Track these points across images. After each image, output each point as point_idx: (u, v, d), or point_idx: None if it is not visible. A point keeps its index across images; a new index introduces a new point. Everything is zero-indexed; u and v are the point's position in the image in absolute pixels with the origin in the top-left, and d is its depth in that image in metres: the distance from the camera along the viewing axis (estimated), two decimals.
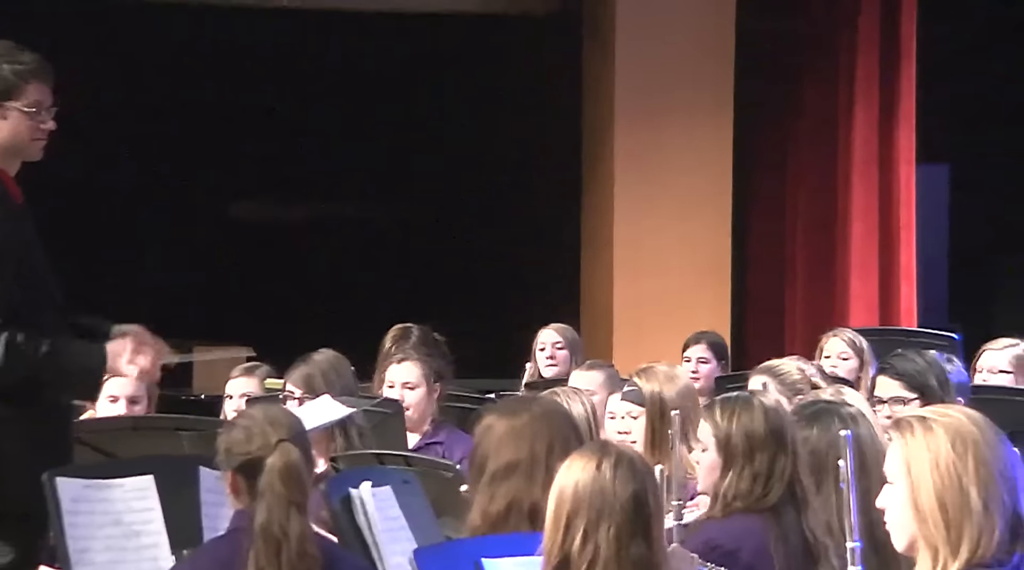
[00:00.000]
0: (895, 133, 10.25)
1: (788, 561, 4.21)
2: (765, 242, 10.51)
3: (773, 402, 4.42)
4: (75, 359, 4.67)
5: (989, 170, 10.73)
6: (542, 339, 7.84)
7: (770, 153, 10.45)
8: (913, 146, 10.25)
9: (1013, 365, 6.86)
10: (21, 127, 4.65)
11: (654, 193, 10.01)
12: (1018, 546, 3.15)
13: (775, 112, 10.43)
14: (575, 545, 3.17)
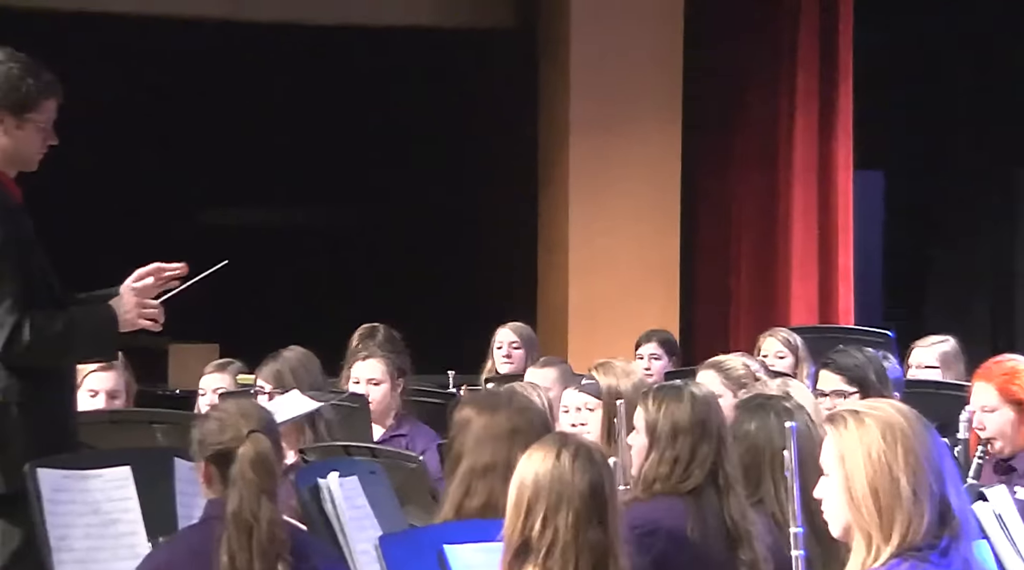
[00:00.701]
0: (833, 142, 10.29)
1: (707, 543, 4.23)
2: (712, 244, 10.54)
3: (704, 393, 4.45)
4: (89, 325, 4.70)
5: (921, 177, 10.78)
6: (499, 338, 7.84)
7: (716, 160, 10.48)
8: (850, 154, 10.29)
9: (940, 361, 6.91)
10: (34, 140, 4.67)
11: (606, 198, 10.04)
12: (946, 530, 3.18)
13: (721, 122, 10.46)
14: (535, 530, 3.19)
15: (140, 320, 4.79)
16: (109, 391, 6.00)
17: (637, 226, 10.04)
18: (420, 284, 10.42)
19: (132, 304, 4.76)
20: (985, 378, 5.47)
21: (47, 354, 4.60)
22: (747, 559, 4.18)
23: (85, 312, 4.74)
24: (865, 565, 3.17)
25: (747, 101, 10.43)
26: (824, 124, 10.29)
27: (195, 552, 3.85)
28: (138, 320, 4.79)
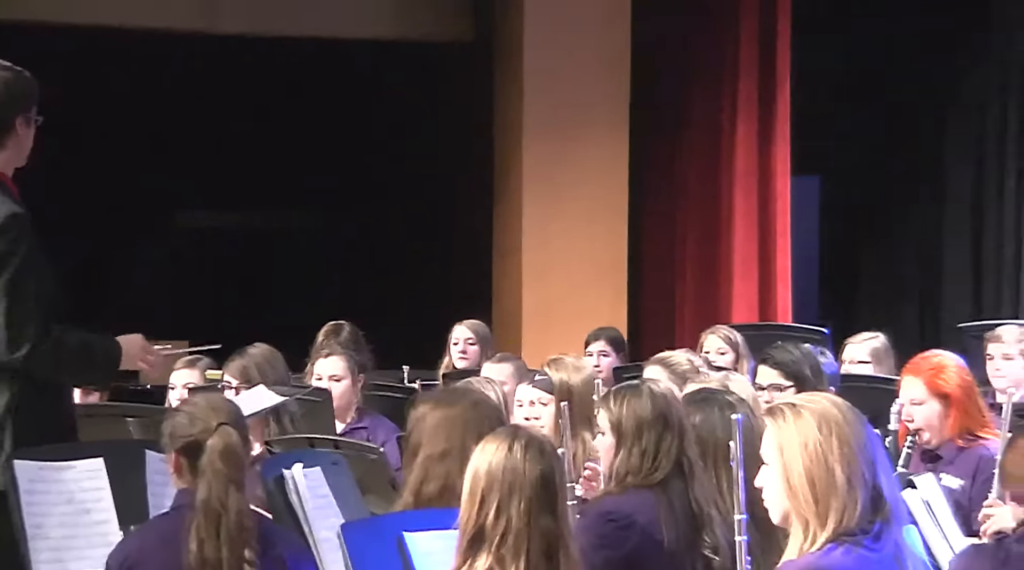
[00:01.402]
0: (772, 149, 10.32)
1: (675, 528, 4.26)
2: (657, 246, 10.56)
3: (662, 389, 4.47)
4: (99, 351, 4.70)
5: (855, 182, 10.84)
6: (456, 335, 7.84)
7: (662, 166, 10.50)
8: (788, 160, 10.32)
9: (872, 356, 6.94)
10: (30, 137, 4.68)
11: (559, 202, 10.05)
12: (878, 516, 3.20)
13: (666, 130, 10.48)
14: (489, 519, 3.19)
15: (140, 363, 4.83)
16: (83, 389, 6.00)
17: (587, 229, 10.06)
18: (381, 284, 10.41)
19: (140, 347, 4.79)
20: (913, 373, 5.51)
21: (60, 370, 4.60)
22: (710, 542, 4.21)
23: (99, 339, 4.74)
24: (803, 550, 3.19)
25: (690, 109, 10.45)
26: (763, 132, 10.32)
27: (165, 539, 3.84)
28: (139, 363, 4.83)
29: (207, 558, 3.78)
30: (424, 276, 10.39)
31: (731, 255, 10.30)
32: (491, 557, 3.17)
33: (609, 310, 9.74)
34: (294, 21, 9.97)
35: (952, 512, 4.79)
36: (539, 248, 10.04)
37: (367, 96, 10.46)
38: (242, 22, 9.87)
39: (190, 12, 9.74)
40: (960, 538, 4.72)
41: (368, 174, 10.58)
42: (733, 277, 10.29)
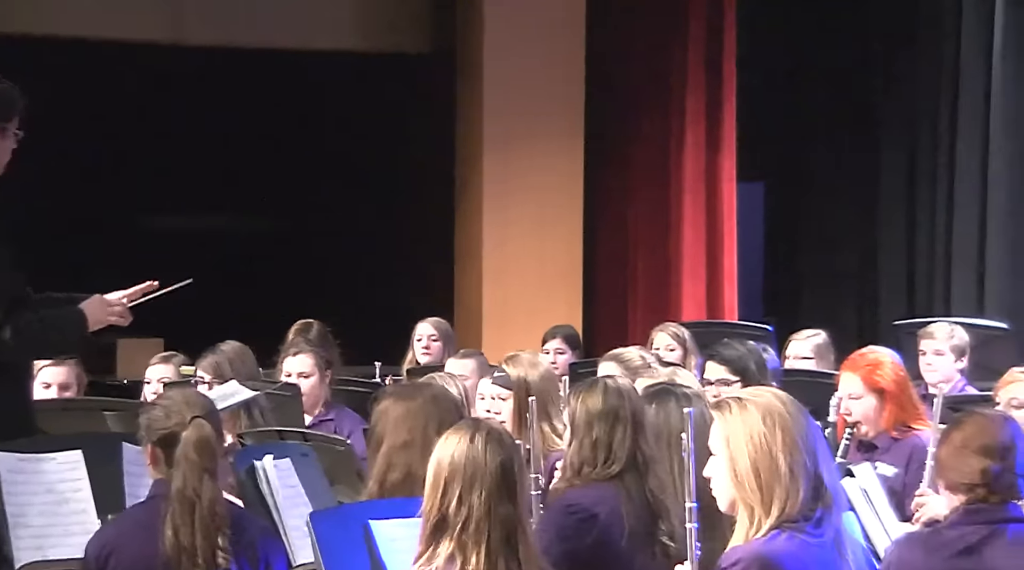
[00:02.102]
0: (718, 156, 10.36)
1: (635, 520, 4.26)
2: (611, 249, 10.58)
3: (618, 384, 4.47)
4: (61, 324, 4.68)
5: (796, 188, 10.88)
6: (419, 332, 7.83)
7: (615, 173, 10.52)
8: (734, 167, 10.37)
9: (814, 352, 6.97)
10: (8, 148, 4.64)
11: (517, 207, 10.06)
12: (819, 503, 3.22)
13: (619, 139, 10.50)
14: (451, 507, 3.19)
15: (109, 317, 4.79)
16: (61, 384, 5.97)
17: (544, 232, 10.08)
18: (350, 284, 10.39)
19: (99, 304, 4.75)
20: (851, 368, 5.53)
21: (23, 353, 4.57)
22: (666, 530, 4.22)
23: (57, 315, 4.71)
24: (748, 536, 3.20)
25: (642, 119, 10.48)
26: (710, 141, 10.36)
27: (142, 527, 3.83)
28: (107, 317, 4.78)
29: (182, 545, 3.77)
30: (389, 276, 10.38)
31: (680, 257, 10.34)
32: (453, 543, 3.17)
33: (565, 309, 9.76)
34: (259, 33, 9.95)
35: (887, 499, 4.82)
36: (498, 250, 10.05)
37: (334, 105, 10.44)
38: (208, 34, 9.84)
39: (158, 25, 9.73)
40: (895, 523, 4.74)
41: (335, 180, 10.56)
42: (682, 277, 10.33)
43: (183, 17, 9.78)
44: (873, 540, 4.53)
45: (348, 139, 10.48)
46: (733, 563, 3.16)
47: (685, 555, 3.30)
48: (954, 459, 3.79)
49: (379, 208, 10.52)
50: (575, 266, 10.22)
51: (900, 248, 10.33)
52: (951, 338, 6.70)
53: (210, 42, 9.86)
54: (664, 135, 10.41)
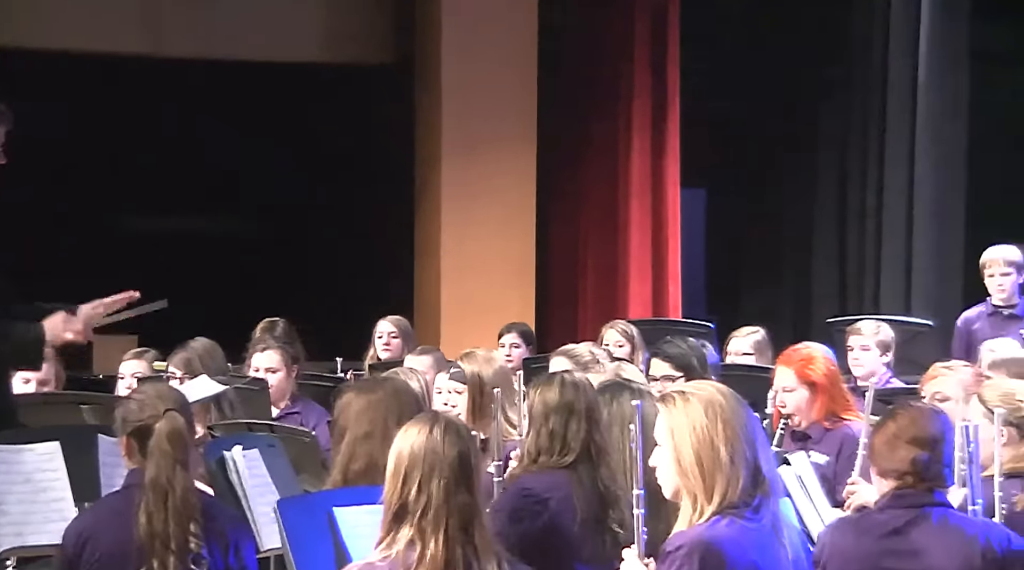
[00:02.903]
0: (664, 163, 10.39)
1: (586, 507, 4.28)
2: (563, 250, 10.59)
3: (574, 379, 4.48)
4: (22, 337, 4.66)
5: (737, 195, 10.92)
6: (380, 329, 7.82)
7: (567, 178, 10.53)
8: (678, 173, 10.39)
9: (754, 348, 6.99)
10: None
11: (474, 209, 10.06)
12: (758, 490, 3.23)
13: (570, 145, 10.52)
14: (411, 495, 3.18)
15: (66, 335, 4.79)
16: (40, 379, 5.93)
17: (500, 234, 10.08)
18: (313, 283, 10.35)
19: (60, 320, 4.75)
20: (786, 363, 5.56)
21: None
22: (616, 518, 4.23)
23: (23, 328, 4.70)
24: (692, 521, 3.21)
25: (591, 126, 10.49)
26: (655, 149, 10.38)
27: (117, 514, 3.82)
28: (64, 335, 4.79)
29: (156, 531, 3.75)
30: (351, 276, 10.35)
31: (628, 258, 10.36)
32: (413, 529, 3.17)
33: (519, 306, 9.76)
34: (233, 46, 9.92)
35: (820, 485, 4.85)
36: (456, 251, 10.04)
37: (301, 113, 10.40)
38: (184, 46, 9.80)
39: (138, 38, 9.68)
40: (827, 508, 4.78)
41: (301, 183, 10.52)
42: (629, 277, 10.35)
43: (161, 31, 9.75)
44: (807, 524, 4.56)
45: (314, 145, 10.45)
46: (677, 547, 3.17)
47: (633, 541, 3.31)
48: (887, 448, 3.82)
49: (342, 211, 10.49)
50: (529, 266, 10.23)
51: (832, 250, 10.40)
52: (876, 334, 6.74)
53: (186, 54, 9.83)
54: (612, 141, 10.42)
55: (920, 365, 6.01)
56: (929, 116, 9.82)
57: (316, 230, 10.55)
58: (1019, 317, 7.59)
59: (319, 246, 10.54)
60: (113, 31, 9.61)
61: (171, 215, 10.57)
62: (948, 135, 9.83)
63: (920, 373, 5.65)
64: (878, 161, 10.06)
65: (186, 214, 10.67)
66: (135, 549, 3.76)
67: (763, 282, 10.69)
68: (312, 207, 10.57)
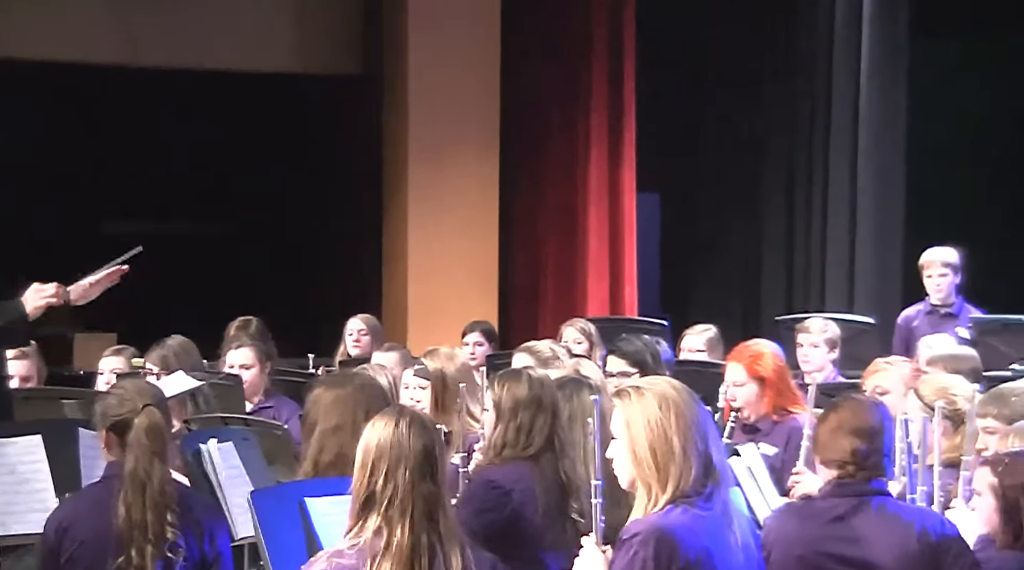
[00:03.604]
0: (620, 170, 10.41)
1: (548, 497, 4.28)
2: (524, 252, 10.59)
3: (540, 375, 4.49)
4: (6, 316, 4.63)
5: (690, 200, 10.94)
6: (350, 326, 7.81)
7: (528, 183, 10.53)
8: (634, 179, 10.42)
9: (706, 345, 7.01)
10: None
11: (440, 213, 10.05)
12: (710, 480, 3.24)
13: (531, 152, 10.51)
14: (378, 485, 3.17)
15: (41, 301, 4.75)
16: (23, 375, 5.91)
17: (464, 236, 10.08)
18: (287, 284, 10.31)
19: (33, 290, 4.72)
20: (736, 359, 5.58)
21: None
22: (577, 507, 4.24)
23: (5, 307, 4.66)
24: (647, 510, 3.22)
25: (551, 134, 10.50)
26: (612, 155, 10.40)
27: (97, 504, 3.81)
28: (40, 301, 4.75)
29: (134, 520, 3.74)
30: (323, 277, 10.33)
31: (586, 259, 10.37)
32: (380, 518, 3.16)
33: (482, 305, 9.77)
34: (207, 56, 9.88)
35: (768, 475, 4.87)
36: (423, 252, 10.04)
37: (273, 121, 10.36)
38: (160, 56, 9.76)
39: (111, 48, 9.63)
40: (775, 497, 4.80)
41: (274, 190, 10.49)
42: (587, 278, 10.36)
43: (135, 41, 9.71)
44: (756, 512, 4.58)
45: (286, 152, 10.42)
46: (633, 535, 3.17)
47: (592, 529, 3.32)
48: (829, 438, 3.84)
49: (313, 215, 10.47)
50: (492, 267, 10.23)
51: (780, 252, 10.44)
52: (824, 332, 6.77)
53: (162, 64, 9.78)
54: (571, 150, 10.43)
55: (862, 361, 6.04)
56: (870, 128, 9.89)
57: (289, 233, 10.52)
58: (955, 316, 7.64)
59: (292, 248, 10.51)
60: (88, 41, 9.56)
61: (148, 219, 10.51)
62: (888, 145, 9.89)
63: (862, 368, 5.69)
64: (823, 170, 10.12)
65: (163, 218, 10.62)
66: (114, 537, 3.74)
67: (714, 283, 10.72)
68: (284, 211, 10.54)
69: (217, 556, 3.87)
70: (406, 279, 10.07)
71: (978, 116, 10.04)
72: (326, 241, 10.40)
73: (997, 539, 3.97)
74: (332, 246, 10.39)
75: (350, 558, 3.15)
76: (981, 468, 4.09)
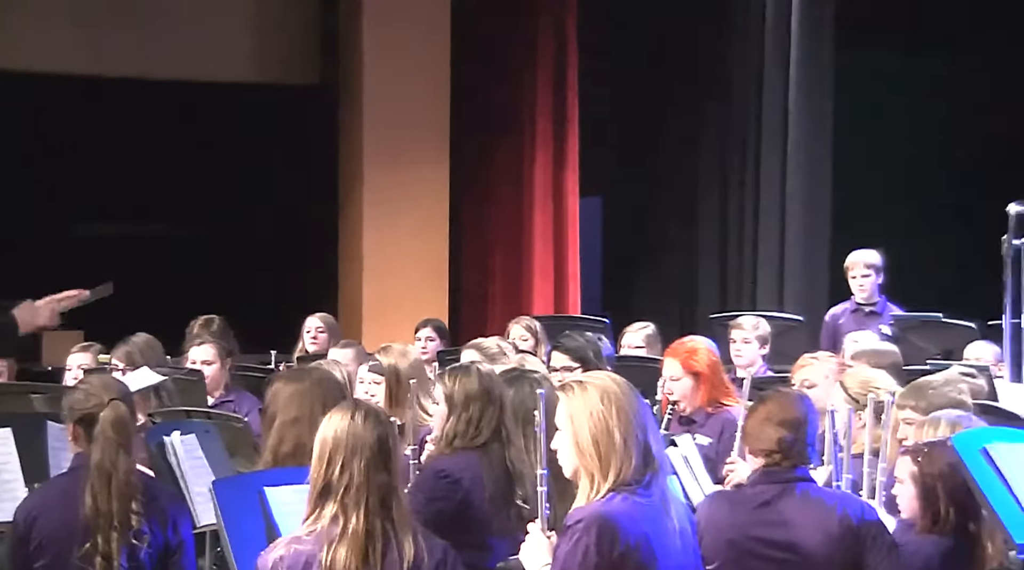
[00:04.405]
0: (564, 175, 10.43)
1: (495, 486, 4.29)
2: (473, 253, 10.59)
3: (488, 370, 4.50)
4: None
5: (630, 204, 10.98)
6: (308, 324, 7.78)
7: (477, 188, 10.53)
8: (577, 184, 10.44)
9: (644, 341, 7.03)
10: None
11: (393, 217, 10.04)
12: (649, 469, 3.25)
13: (480, 158, 10.52)
14: (335, 475, 3.17)
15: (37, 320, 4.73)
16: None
17: (416, 238, 10.07)
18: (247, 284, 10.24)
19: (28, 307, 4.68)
20: (672, 355, 5.60)
21: None
22: (522, 494, 4.24)
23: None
24: (589, 498, 3.23)
25: (499, 141, 10.51)
26: (556, 162, 10.42)
27: (65, 494, 3.78)
28: (36, 320, 4.73)
29: (100, 509, 3.72)
30: (282, 277, 10.27)
31: (532, 260, 10.39)
32: (337, 506, 3.15)
33: (434, 304, 9.76)
34: (171, 67, 9.82)
35: (703, 465, 4.90)
36: (377, 254, 10.02)
37: (235, 129, 10.29)
38: (125, 67, 9.70)
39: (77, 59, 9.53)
40: (710, 485, 4.83)
41: (237, 194, 10.42)
42: (533, 278, 10.38)
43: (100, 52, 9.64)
44: (692, 499, 4.60)
45: (248, 158, 10.36)
46: (576, 521, 3.18)
47: (537, 515, 3.32)
48: (757, 429, 3.87)
49: (274, 218, 10.41)
50: (443, 267, 10.22)
51: (715, 253, 10.50)
52: (756, 329, 6.81)
53: (126, 74, 9.72)
54: (518, 156, 10.45)
55: (791, 356, 6.08)
56: (799, 137, 9.98)
57: (250, 236, 10.46)
58: (878, 314, 7.71)
59: (253, 250, 10.45)
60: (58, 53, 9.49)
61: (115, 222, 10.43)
62: (815, 155, 9.99)
63: (791, 363, 5.73)
64: (754, 177, 10.19)
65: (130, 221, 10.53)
66: (81, 525, 3.72)
67: (653, 283, 10.77)
68: (246, 215, 10.48)
69: (180, 543, 3.85)
70: (361, 279, 10.05)
71: (900, 124, 10.15)
72: (285, 243, 10.36)
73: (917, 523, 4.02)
74: (291, 248, 10.34)
75: (308, 544, 3.14)
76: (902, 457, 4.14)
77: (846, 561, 3.71)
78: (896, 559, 3.73)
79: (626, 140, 10.72)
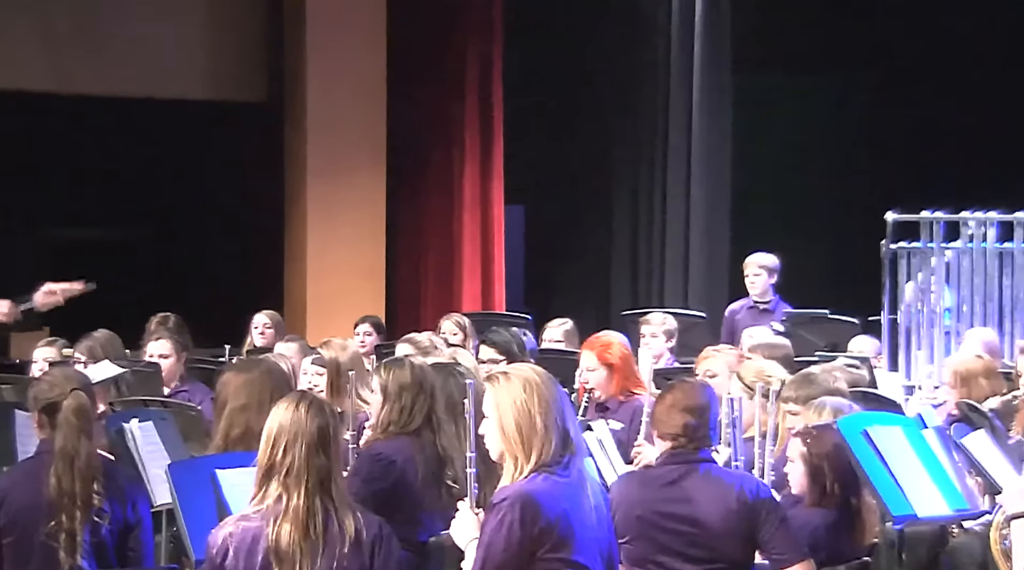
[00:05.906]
0: (490, 184, 10.44)
1: (426, 467, 4.29)
2: (408, 256, 10.55)
3: (420, 362, 4.50)
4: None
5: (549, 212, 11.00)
6: (256, 321, 7.73)
7: (411, 195, 10.50)
8: (502, 193, 10.45)
9: (563, 336, 7.07)
10: None
11: (334, 222, 10.00)
12: (567, 451, 3.27)
13: (414, 168, 10.48)
14: (278, 458, 3.16)
15: None
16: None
17: (356, 242, 10.04)
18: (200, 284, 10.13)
19: None
20: (588, 348, 5.64)
21: None
22: (451, 475, 4.25)
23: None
24: (514, 478, 3.24)
25: (431, 151, 10.48)
26: (484, 172, 10.43)
27: (31, 477, 3.74)
28: None
29: (64, 490, 3.69)
30: (232, 277, 10.18)
31: (461, 261, 10.39)
32: (280, 486, 3.15)
33: (371, 301, 9.73)
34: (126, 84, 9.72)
35: (616, 447, 4.94)
36: (320, 256, 9.99)
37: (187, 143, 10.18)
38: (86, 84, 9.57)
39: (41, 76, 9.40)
40: (622, 465, 4.87)
41: (191, 202, 10.31)
42: (463, 278, 10.38)
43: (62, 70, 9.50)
44: (606, 478, 4.64)
45: (202, 170, 10.25)
46: (502, 499, 3.19)
47: (466, 494, 3.33)
48: (664, 415, 3.90)
49: (224, 224, 10.32)
50: (380, 268, 10.20)
51: (626, 255, 10.58)
52: (663, 324, 6.87)
53: (86, 92, 9.59)
54: (448, 167, 10.44)
55: (695, 349, 6.15)
56: (701, 150, 10.09)
57: (203, 241, 10.36)
58: (772, 311, 7.81)
59: (205, 254, 10.35)
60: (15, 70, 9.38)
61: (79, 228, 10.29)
62: (716, 166, 10.11)
63: (695, 355, 5.79)
64: (662, 186, 10.29)
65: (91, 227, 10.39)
66: (46, 505, 3.69)
67: (571, 282, 10.82)
68: (200, 221, 10.37)
69: (138, 520, 3.82)
70: (305, 280, 10.01)
71: (792, 140, 10.31)
72: (236, 247, 10.27)
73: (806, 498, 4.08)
74: (241, 251, 10.26)
75: (255, 520, 3.13)
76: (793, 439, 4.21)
77: (743, 533, 3.76)
78: (787, 530, 3.79)
79: (547, 154, 10.76)
